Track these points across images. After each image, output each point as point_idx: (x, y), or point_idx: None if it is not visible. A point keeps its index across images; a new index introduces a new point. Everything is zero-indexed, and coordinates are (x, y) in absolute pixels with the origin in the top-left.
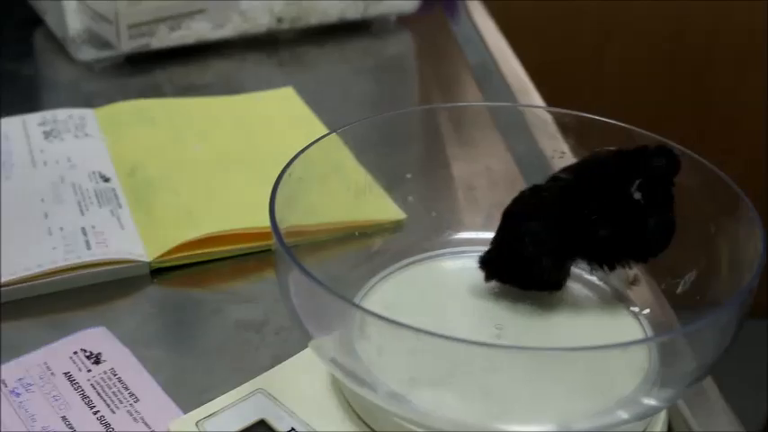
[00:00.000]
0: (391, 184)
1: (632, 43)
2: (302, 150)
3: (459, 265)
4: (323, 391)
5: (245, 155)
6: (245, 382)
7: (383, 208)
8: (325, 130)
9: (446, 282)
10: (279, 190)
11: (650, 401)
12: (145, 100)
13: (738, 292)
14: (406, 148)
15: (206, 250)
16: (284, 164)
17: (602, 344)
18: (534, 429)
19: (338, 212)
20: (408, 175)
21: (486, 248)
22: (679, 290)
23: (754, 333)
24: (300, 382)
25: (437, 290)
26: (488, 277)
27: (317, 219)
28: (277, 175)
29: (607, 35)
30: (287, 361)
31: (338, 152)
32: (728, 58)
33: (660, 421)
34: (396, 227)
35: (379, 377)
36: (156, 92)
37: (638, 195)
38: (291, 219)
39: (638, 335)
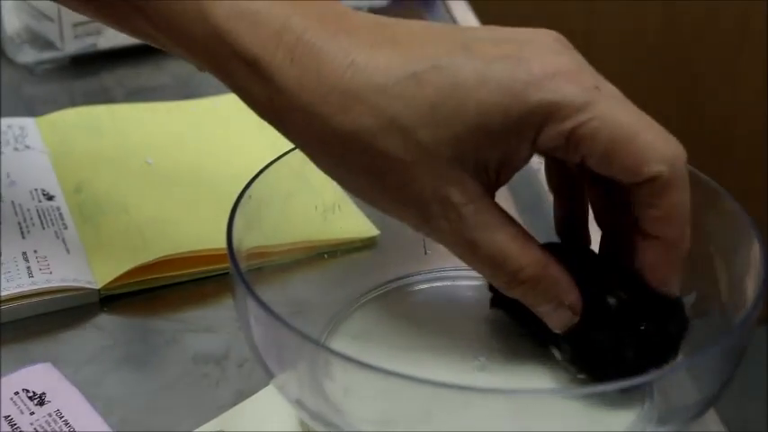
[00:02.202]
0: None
1: (618, 43)
2: (264, 168)
3: (438, 289)
4: None
5: (203, 168)
6: (206, 422)
7: (354, 225)
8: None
9: (424, 308)
10: (238, 211)
11: None
12: (92, 107)
13: (740, 322)
14: None
15: (160, 275)
16: (244, 178)
17: (592, 385)
18: None
19: (304, 232)
20: None
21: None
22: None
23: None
24: (265, 423)
25: (414, 317)
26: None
27: (281, 239)
28: (239, 192)
29: (593, 34)
30: (249, 399)
31: (305, 166)
32: (718, 59)
33: None
34: (368, 245)
35: (349, 420)
36: (104, 96)
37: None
38: (252, 240)
39: None
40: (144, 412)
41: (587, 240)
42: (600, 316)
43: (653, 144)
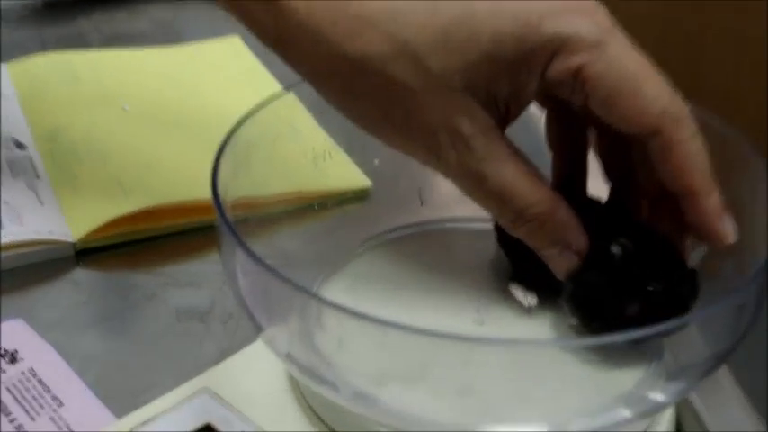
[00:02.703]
0: (355, 146)
1: None
2: (250, 112)
3: (434, 241)
4: (278, 390)
5: (184, 115)
6: (188, 380)
7: (345, 175)
8: (277, 86)
9: (420, 260)
10: (223, 158)
11: (657, 396)
12: (66, 52)
13: (754, 273)
14: None
15: (140, 227)
16: (230, 125)
17: (598, 336)
18: (522, 430)
19: (293, 182)
20: None
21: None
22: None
23: None
24: (252, 380)
25: (410, 269)
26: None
27: (269, 189)
28: (223, 138)
29: None
30: (235, 355)
31: (293, 112)
32: (718, 59)
33: (666, 418)
34: (360, 196)
35: (343, 374)
36: (79, 43)
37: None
38: (239, 190)
39: None
40: (122, 371)
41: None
42: (607, 267)
43: (657, 95)
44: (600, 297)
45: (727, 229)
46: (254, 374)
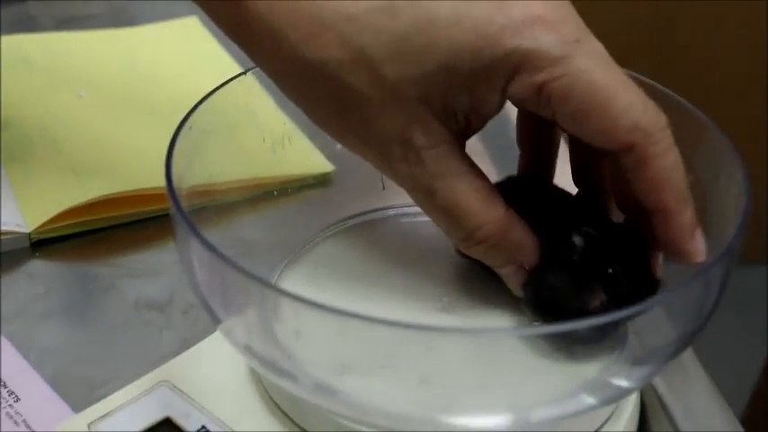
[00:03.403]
0: (316, 130)
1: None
2: (206, 97)
3: (398, 227)
4: (240, 383)
5: (140, 101)
6: (148, 372)
7: (306, 160)
8: (236, 68)
9: (383, 246)
10: (177, 145)
11: (621, 382)
12: (17, 36)
13: (722, 253)
14: None
15: (97, 216)
16: (187, 110)
17: (563, 322)
18: (485, 420)
19: (252, 168)
20: None
21: None
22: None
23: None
24: (213, 372)
25: (372, 256)
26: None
27: (227, 176)
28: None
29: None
30: (195, 346)
31: (251, 95)
32: (717, 59)
33: (631, 402)
34: (322, 181)
35: (302, 365)
36: (31, 26)
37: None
38: (195, 177)
39: None
40: (80, 364)
41: None
42: (565, 261)
43: (628, 109)
44: (558, 295)
45: (698, 248)
46: (215, 366)
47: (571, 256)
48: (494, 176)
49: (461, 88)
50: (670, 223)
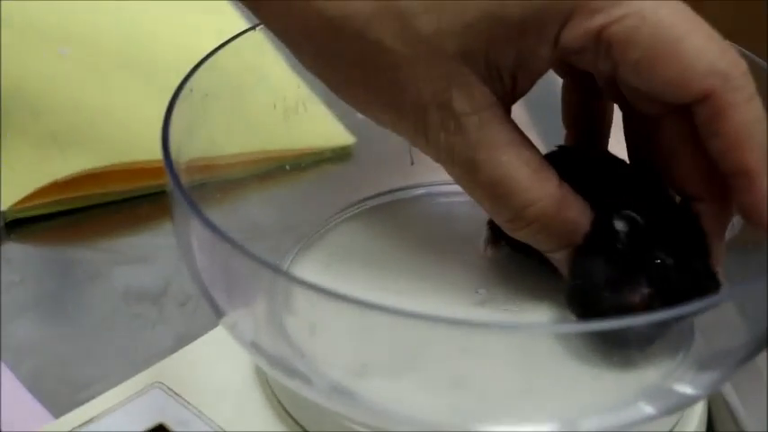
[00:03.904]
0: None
1: None
2: (208, 55)
3: (426, 208)
4: (244, 385)
5: (131, 59)
6: (139, 372)
7: (323, 130)
8: (243, 23)
9: (410, 230)
10: (175, 111)
11: (684, 389)
12: None
13: None
14: None
15: (81, 193)
16: (187, 70)
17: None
18: (526, 430)
19: (260, 139)
20: None
21: None
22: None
23: None
24: (213, 373)
25: (398, 241)
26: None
27: (232, 148)
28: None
29: None
30: (193, 343)
31: (261, 55)
32: None
33: (697, 414)
34: (341, 155)
35: (317, 365)
36: None
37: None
38: (195, 149)
39: None
40: (61, 363)
41: None
42: (610, 249)
43: (703, 51)
44: (594, 288)
45: None
46: (216, 366)
47: (613, 244)
48: (542, 150)
49: (507, 41)
50: (753, 188)
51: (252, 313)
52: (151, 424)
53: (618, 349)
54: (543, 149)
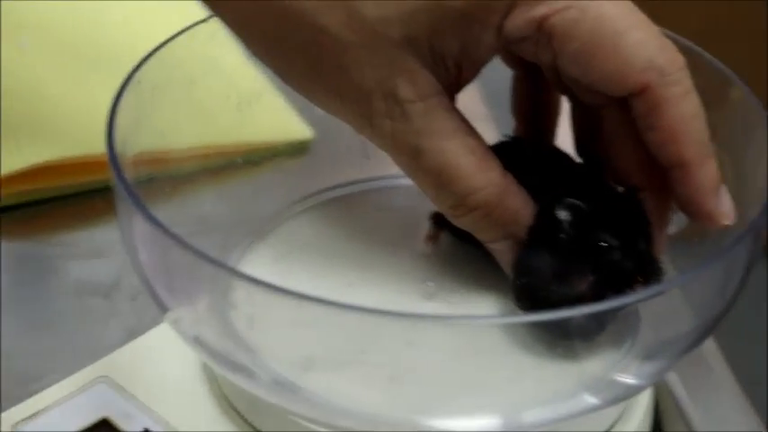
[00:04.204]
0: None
1: None
2: (159, 46)
3: (380, 200)
4: (190, 380)
5: (91, 51)
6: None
7: (279, 124)
8: (201, 13)
9: (362, 223)
10: (123, 103)
11: (627, 379)
12: None
13: (747, 229)
14: None
15: (34, 187)
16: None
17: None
18: (470, 422)
19: (213, 132)
20: None
21: None
22: (672, 229)
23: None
24: (159, 367)
25: (350, 234)
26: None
27: (183, 141)
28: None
29: None
30: (140, 338)
31: (215, 46)
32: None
33: (642, 404)
34: (298, 150)
35: (260, 359)
36: None
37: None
38: (144, 142)
39: None
40: (11, 356)
41: None
42: (544, 235)
43: (641, 45)
44: (538, 279)
45: (724, 207)
46: (162, 361)
47: (556, 235)
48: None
49: (451, 29)
50: (690, 179)
51: (195, 308)
52: (95, 418)
53: (562, 341)
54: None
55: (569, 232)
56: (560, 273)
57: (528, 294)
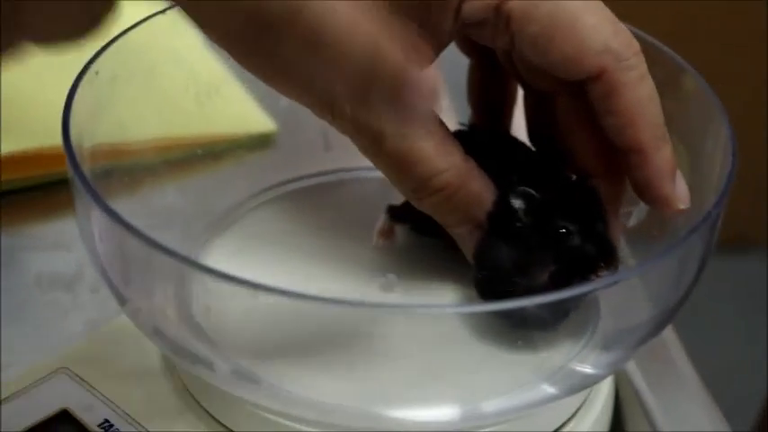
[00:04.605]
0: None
1: None
2: (117, 36)
3: (341, 192)
4: (151, 370)
5: None
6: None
7: (241, 116)
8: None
9: (323, 214)
10: (79, 94)
11: (585, 369)
12: None
13: (705, 216)
14: None
15: None
16: None
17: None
18: (429, 413)
19: (174, 123)
20: None
21: None
22: (631, 222)
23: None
24: (120, 358)
25: (310, 225)
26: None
27: (142, 133)
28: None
29: None
30: (100, 328)
31: (175, 37)
32: (717, 60)
33: (601, 397)
34: (261, 143)
35: (218, 350)
36: None
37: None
38: (102, 134)
39: None
40: None
41: None
42: (501, 224)
43: (597, 29)
44: (499, 269)
45: (679, 192)
46: (123, 351)
47: (513, 225)
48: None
49: (409, 12)
50: (646, 164)
51: (152, 300)
52: (55, 409)
53: (522, 331)
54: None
55: (526, 221)
56: (521, 264)
57: (490, 287)
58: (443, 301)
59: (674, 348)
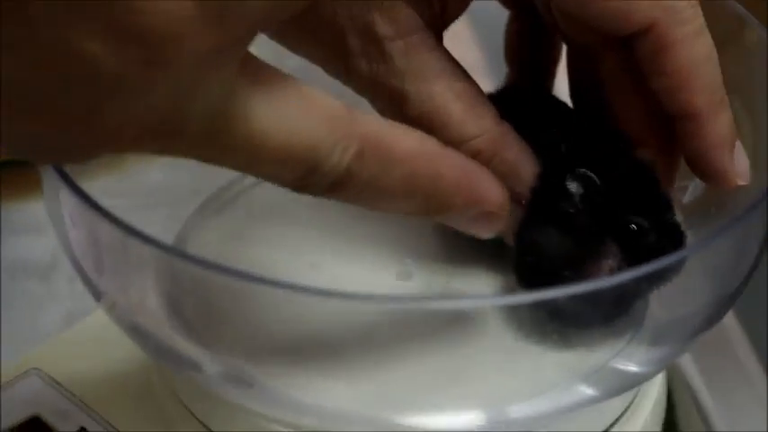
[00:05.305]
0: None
1: None
2: None
3: None
4: (133, 372)
5: None
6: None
7: None
8: None
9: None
10: None
11: (630, 368)
12: None
13: (765, 193)
14: None
15: None
16: None
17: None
18: (450, 419)
19: None
20: None
21: None
22: (686, 198)
23: None
24: (96, 359)
25: (318, 206)
26: None
27: None
28: None
29: None
30: (75, 326)
31: None
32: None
33: (653, 392)
34: None
35: (208, 350)
36: None
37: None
38: None
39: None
40: None
41: None
42: (555, 209)
43: None
44: (554, 260)
45: (738, 166)
46: (101, 351)
47: (563, 205)
48: None
49: None
50: (701, 133)
51: (130, 293)
52: (25, 416)
53: (557, 324)
54: None
55: (582, 207)
56: (575, 256)
57: (535, 275)
58: (467, 290)
59: (737, 340)
